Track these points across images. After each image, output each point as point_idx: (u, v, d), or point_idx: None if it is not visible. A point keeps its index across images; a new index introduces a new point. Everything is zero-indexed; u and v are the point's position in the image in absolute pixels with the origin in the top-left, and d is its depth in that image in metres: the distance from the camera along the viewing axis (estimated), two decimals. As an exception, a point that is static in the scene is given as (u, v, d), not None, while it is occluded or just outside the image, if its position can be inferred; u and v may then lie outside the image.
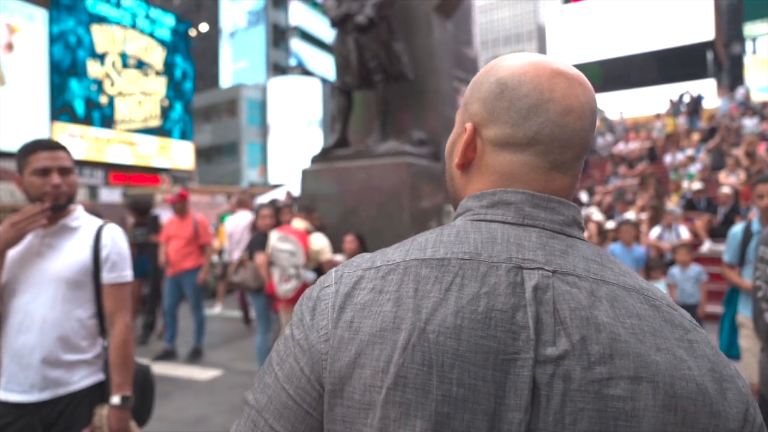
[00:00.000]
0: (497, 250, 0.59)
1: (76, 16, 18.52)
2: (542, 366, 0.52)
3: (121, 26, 20.04)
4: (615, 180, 11.66)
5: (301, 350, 0.60)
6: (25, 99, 16.75)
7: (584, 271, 0.58)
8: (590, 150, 0.69)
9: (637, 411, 0.51)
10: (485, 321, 0.54)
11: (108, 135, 19.47)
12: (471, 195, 0.67)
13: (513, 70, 0.65)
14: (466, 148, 0.67)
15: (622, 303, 0.56)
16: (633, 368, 0.52)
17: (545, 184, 0.63)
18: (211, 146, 35.65)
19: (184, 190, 5.37)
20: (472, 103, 0.68)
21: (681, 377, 0.52)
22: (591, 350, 0.52)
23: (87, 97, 18.88)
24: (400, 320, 0.55)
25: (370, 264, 0.63)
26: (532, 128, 0.62)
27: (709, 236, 7.67)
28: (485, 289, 0.55)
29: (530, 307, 0.54)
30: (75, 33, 18.51)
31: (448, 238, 0.62)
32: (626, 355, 0.52)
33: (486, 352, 0.53)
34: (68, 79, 18.27)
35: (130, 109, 20.28)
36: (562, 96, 0.62)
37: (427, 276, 0.58)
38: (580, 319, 0.54)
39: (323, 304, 0.61)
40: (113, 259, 1.74)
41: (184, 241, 5.09)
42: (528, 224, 0.61)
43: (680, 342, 0.55)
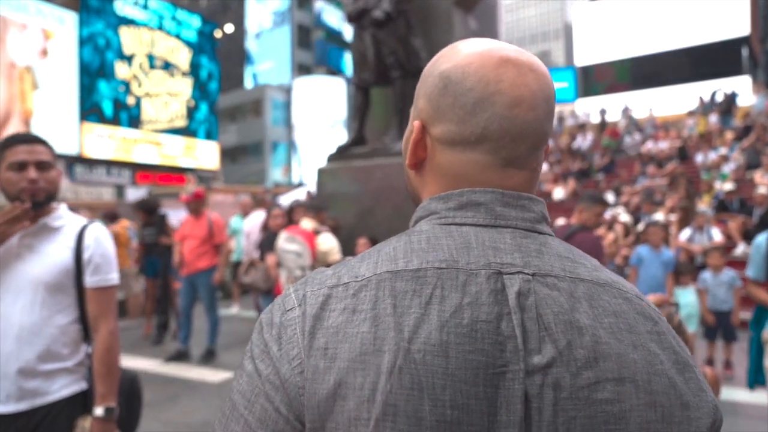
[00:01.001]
0: (474, 256, 0.55)
1: (105, 18, 18.84)
2: (531, 376, 0.50)
3: (148, 28, 20.34)
4: (643, 180, 11.33)
5: (273, 387, 0.53)
6: (56, 100, 17.09)
7: (561, 270, 0.56)
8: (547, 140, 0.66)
9: (624, 412, 0.50)
10: (471, 334, 0.50)
11: (135, 135, 19.76)
12: (435, 196, 0.63)
13: (456, 61, 0.61)
14: (416, 147, 0.64)
15: (598, 301, 0.55)
16: (616, 369, 0.51)
17: (501, 182, 0.60)
18: (237, 146, 35.99)
19: (200, 189, 5.32)
20: (419, 99, 0.65)
21: (655, 373, 0.52)
22: (577, 355, 0.51)
23: (115, 98, 19.20)
24: (381, 341, 0.50)
25: (336, 280, 0.57)
26: (479, 125, 0.59)
27: (743, 239, 7.33)
28: (467, 300, 0.52)
29: (515, 314, 0.52)
30: (104, 35, 18.84)
31: (418, 245, 0.57)
32: (609, 356, 0.51)
33: (476, 367, 0.49)
34: (97, 80, 18.61)
35: (156, 110, 20.57)
36: (510, 86, 0.59)
37: (404, 290, 0.53)
38: (564, 324, 0.52)
39: (290, 331, 0.54)
40: (96, 262, 1.63)
41: (198, 240, 5.03)
42: (501, 225, 0.59)
43: (651, 335, 0.55)
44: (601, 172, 13.26)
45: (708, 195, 9.24)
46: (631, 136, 15.40)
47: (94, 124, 18.43)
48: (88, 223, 1.68)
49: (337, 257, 3.98)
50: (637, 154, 13.92)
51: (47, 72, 16.83)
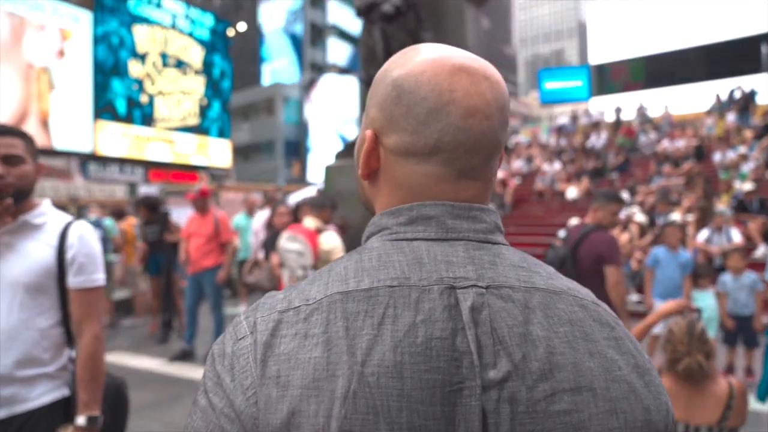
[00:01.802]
0: (426, 272, 0.54)
1: (119, 17, 18.94)
2: (487, 392, 0.49)
3: (161, 27, 20.40)
4: (659, 179, 11.12)
5: (228, 420, 0.51)
6: (70, 98, 17.20)
7: (515, 280, 0.56)
8: (501, 150, 0.65)
9: (583, 422, 0.50)
10: (426, 352, 0.50)
11: (148, 133, 19.84)
12: (385, 211, 0.62)
13: (410, 69, 0.60)
14: (368, 157, 0.62)
15: (554, 310, 0.55)
16: (572, 379, 0.51)
17: (455, 194, 0.60)
18: (249, 144, 36.07)
19: (205, 186, 5.26)
20: (371, 108, 0.64)
21: (613, 379, 0.52)
22: (532, 368, 0.50)
23: (128, 96, 19.28)
24: (334, 366, 0.49)
25: (287, 305, 0.55)
26: (433, 136, 0.58)
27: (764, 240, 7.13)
28: (421, 317, 0.51)
29: (469, 330, 0.51)
30: (118, 34, 18.93)
31: (369, 263, 0.56)
32: (564, 367, 0.51)
33: (432, 386, 0.49)
34: (111, 78, 18.70)
35: (169, 108, 20.63)
36: (464, 96, 0.57)
37: (356, 311, 0.52)
38: (518, 337, 0.52)
39: (242, 360, 0.53)
40: (80, 261, 1.54)
41: (204, 238, 4.98)
42: (452, 238, 0.58)
43: (608, 341, 0.55)
44: (616, 171, 13.05)
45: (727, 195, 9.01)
46: (647, 134, 15.14)
47: (108, 122, 18.51)
48: (72, 221, 1.59)
49: (341, 256, 3.86)
50: (652, 153, 13.67)
51: (63, 71, 16.95)
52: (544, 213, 12.14)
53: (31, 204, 1.55)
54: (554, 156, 15.89)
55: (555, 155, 16.04)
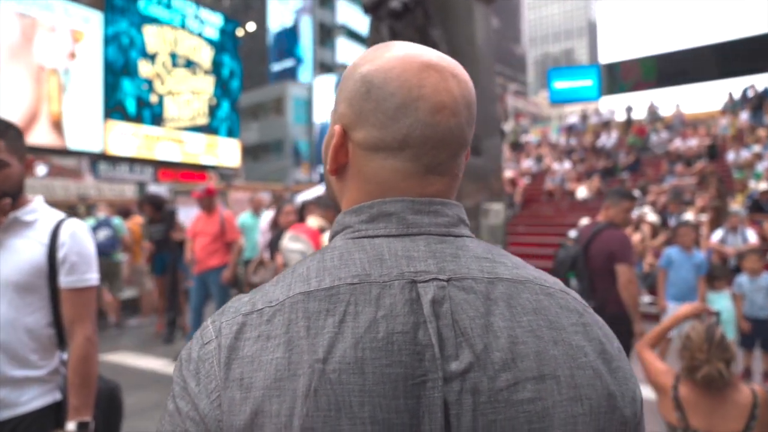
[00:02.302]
0: (387, 267, 0.55)
1: (129, 17, 19.02)
2: (449, 383, 0.50)
3: (171, 27, 20.46)
4: (671, 179, 10.98)
5: (193, 424, 0.52)
6: (81, 98, 17.29)
7: (478, 271, 0.56)
8: (467, 146, 0.66)
9: (547, 410, 0.50)
10: (387, 347, 0.50)
11: (158, 133, 19.90)
12: (348, 209, 0.63)
13: (379, 65, 0.60)
14: (336, 152, 0.63)
15: (517, 299, 0.55)
16: (536, 368, 0.51)
17: (422, 189, 0.61)
18: (258, 144, 36.13)
19: (211, 185, 5.23)
20: (339, 103, 0.64)
21: (578, 366, 0.53)
22: (494, 358, 0.51)
23: (138, 96, 19.35)
24: (295, 365, 0.50)
25: (251, 307, 0.56)
26: (402, 130, 0.59)
27: (780, 241, 6.99)
28: (382, 312, 0.52)
29: (430, 323, 0.52)
30: (128, 34, 19.01)
31: (331, 263, 0.57)
32: (527, 356, 0.52)
33: (394, 380, 0.49)
34: (121, 78, 18.77)
35: (179, 108, 20.69)
36: (432, 92, 0.59)
37: (317, 310, 0.53)
38: (480, 328, 0.52)
39: (207, 365, 0.54)
40: (72, 260, 1.49)
41: (210, 237, 4.94)
42: (413, 233, 0.59)
43: (575, 327, 0.55)
44: (627, 171, 12.91)
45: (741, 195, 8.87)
46: (658, 134, 14.97)
47: (118, 122, 18.59)
48: (64, 218, 1.53)
49: None
50: (664, 152, 13.52)
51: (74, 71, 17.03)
52: (553, 213, 12.03)
53: (23, 201, 1.49)
54: (564, 155, 15.77)
55: (565, 155, 15.92)
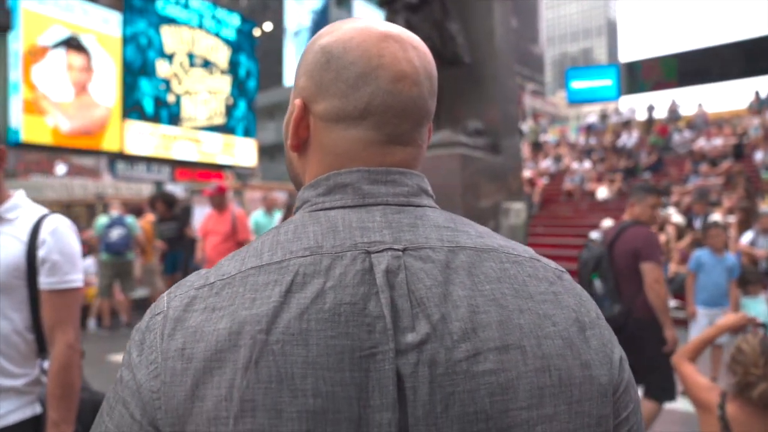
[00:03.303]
0: (340, 239, 0.54)
1: (147, 18, 19.14)
2: (404, 355, 0.48)
3: (189, 27, 20.55)
4: (695, 179, 10.68)
5: (130, 393, 0.52)
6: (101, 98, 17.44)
7: (437, 241, 0.55)
8: (430, 118, 0.64)
9: (511, 381, 0.48)
10: (334, 318, 0.49)
11: (175, 132, 19.99)
12: (307, 184, 0.62)
13: (338, 36, 0.61)
14: (297, 126, 0.63)
15: (480, 268, 0.53)
16: (498, 338, 0.49)
17: (384, 159, 0.60)
18: (275, 144, 36.24)
19: (223, 183, 5.13)
20: (300, 77, 0.64)
21: (546, 335, 0.51)
22: (453, 328, 0.49)
23: (156, 95, 19.46)
24: (236, 336, 0.48)
25: (204, 281, 0.55)
26: (363, 99, 0.58)
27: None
28: (330, 283, 0.50)
29: (383, 293, 0.50)
30: (146, 34, 19.14)
31: (285, 236, 0.56)
32: (488, 325, 0.50)
33: (339, 352, 0.48)
34: (138, 78, 18.89)
35: (196, 107, 20.77)
36: (392, 61, 0.58)
37: (265, 282, 0.51)
38: (437, 297, 0.50)
39: (152, 335, 0.53)
40: (53, 260, 1.37)
41: (221, 236, 4.85)
42: (369, 203, 0.58)
43: (544, 295, 0.54)
44: (648, 171, 12.63)
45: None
46: (681, 133, 14.63)
47: (136, 122, 18.71)
48: (47, 214, 1.41)
49: None
50: (687, 152, 13.19)
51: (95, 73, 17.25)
52: (572, 213, 11.81)
53: (3, 196, 1.38)
54: (583, 155, 15.52)
55: (584, 154, 15.66)
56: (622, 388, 0.55)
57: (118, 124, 17.94)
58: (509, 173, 5.17)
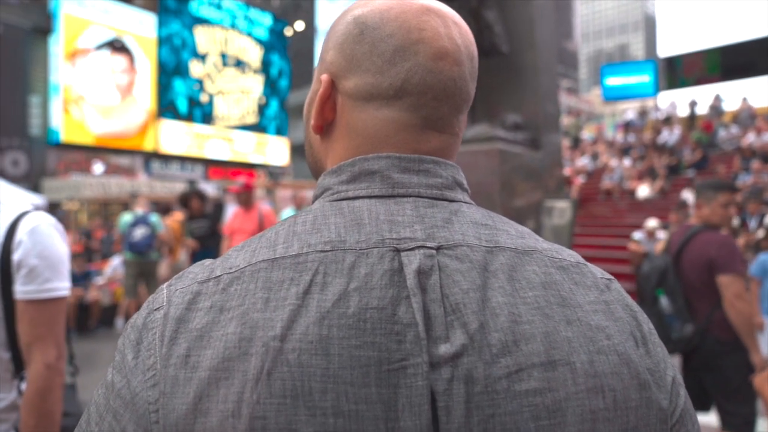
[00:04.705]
0: (366, 233, 0.48)
1: (181, 19, 19.41)
2: (436, 370, 0.42)
3: (221, 27, 20.77)
4: (746, 177, 10.15)
5: (123, 403, 0.45)
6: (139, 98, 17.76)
7: (475, 239, 0.49)
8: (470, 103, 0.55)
9: (558, 403, 0.42)
10: (358, 325, 0.42)
11: (208, 131, 20.21)
12: (329, 170, 0.56)
13: (374, 6, 0.55)
14: (323, 105, 0.56)
15: (521, 272, 0.47)
16: (543, 352, 0.43)
17: (417, 145, 0.54)
18: (306, 143, 36.43)
19: (249, 180, 5.01)
20: (327, 51, 0.58)
21: (599, 350, 0.44)
22: (491, 339, 0.43)
23: (189, 95, 19.71)
24: (247, 343, 0.42)
25: (208, 274, 0.49)
26: (400, 75, 0.53)
27: None
28: (354, 284, 0.44)
29: (414, 297, 0.44)
30: (180, 35, 19.41)
31: (302, 227, 0.50)
32: (532, 337, 0.43)
33: (365, 365, 0.41)
34: (173, 78, 19.16)
35: (228, 107, 20.97)
36: (433, 36, 0.53)
37: (281, 279, 0.45)
38: (475, 303, 0.44)
39: (150, 335, 0.46)
40: (31, 265, 1.18)
41: (248, 235, 4.72)
42: (399, 194, 0.51)
43: (595, 305, 0.47)
44: (692, 169, 12.09)
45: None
46: (727, 129, 14.00)
47: (170, 121, 18.97)
48: (26, 211, 1.22)
49: None
50: (735, 148, 12.59)
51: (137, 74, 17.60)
52: (611, 212, 11.39)
53: None
54: (622, 153, 15.02)
55: (622, 152, 15.16)
56: (677, 416, 0.47)
57: (153, 124, 18.19)
58: (545, 171, 4.91)
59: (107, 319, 6.89)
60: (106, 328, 6.86)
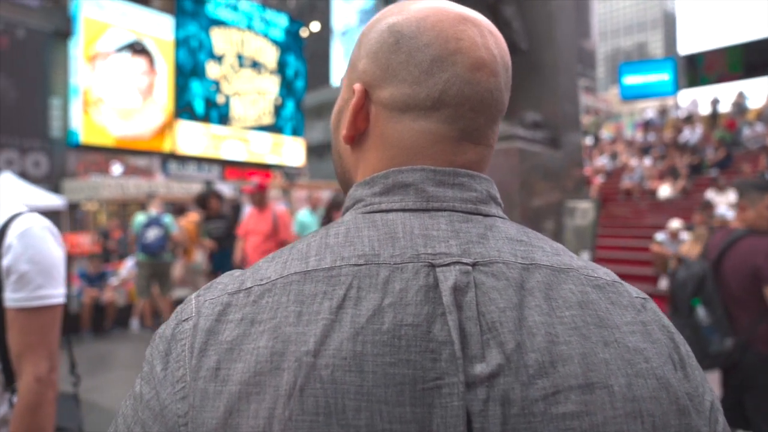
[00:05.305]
0: (400, 247, 0.47)
1: (198, 21, 19.53)
2: (472, 390, 0.41)
3: (238, 29, 20.87)
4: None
5: (151, 414, 0.45)
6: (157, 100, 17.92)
7: (511, 255, 0.48)
8: (503, 113, 0.54)
9: (596, 427, 0.41)
10: (394, 342, 0.42)
11: (224, 132, 20.32)
12: (361, 181, 0.55)
13: (409, 14, 0.54)
14: (356, 115, 0.55)
15: (558, 291, 0.46)
16: (581, 374, 0.42)
17: (454, 157, 0.53)
18: (323, 143, 36.50)
19: (263, 180, 4.96)
20: (360, 59, 0.57)
21: (637, 373, 0.43)
22: (528, 360, 0.42)
23: (206, 96, 19.84)
24: (279, 357, 0.42)
25: (239, 285, 0.48)
26: (437, 86, 0.52)
27: None
28: (389, 300, 0.44)
29: (450, 314, 0.43)
30: (197, 37, 19.55)
31: (335, 239, 0.49)
32: (569, 359, 0.42)
33: (399, 383, 0.41)
34: (190, 80, 19.29)
35: (245, 108, 21.06)
36: (471, 46, 0.52)
37: (313, 293, 0.45)
38: (512, 322, 0.43)
39: (179, 346, 0.46)
40: (21, 270, 1.11)
41: (262, 236, 4.67)
42: (434, 208, 0.51)
43: (632, 326, 0.46)
44: (716, 168, 11.83)
45: None
46: (752, 127, 13.69)
47: (187, 122, 19.10)
48: (17, 213, 1.16)
49: None
50: (761, 146, 12.30)
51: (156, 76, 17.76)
52: (631, 213, 11.19)
53: None
54: (642, 152, 14.78)
55: (642, 151, 14.92)
56: None
57: (170, 125, 18.34)
58: (563, 171, 4.80)
59: (122, 319, 6.91)
60: (121, 329, 6.88)
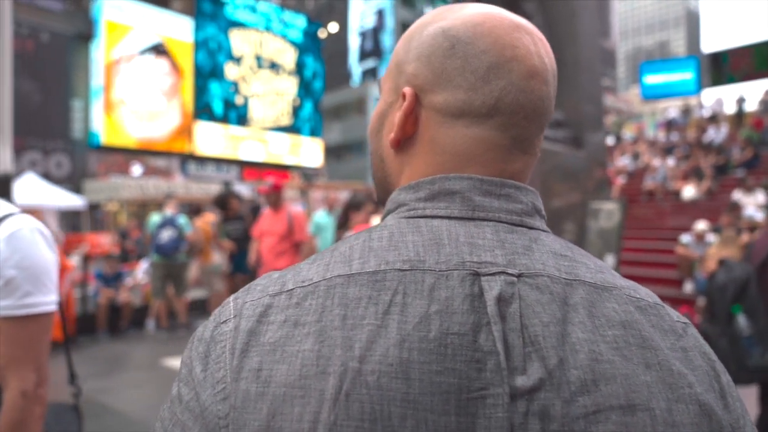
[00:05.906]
0: (445, 254, 0.46)
1: (217, 23, 19.65)
2: (513, 402, 0.41)
3: (256, 30, 20.95)
4: (801, 176, 9.58)
5: (191, 416, 0.44)
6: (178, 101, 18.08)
7: (555, 269, 0.47)
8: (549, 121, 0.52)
9: None
10: (440, 350, 0.42)
11: (243, 133, 20.41)
12: (405, 185, 0.54)
13: (464, 19, 0.53)
14: (406, 120, 0.54)
15: (601, 309, 0.45)
16: (623, 394, 0.41)
17: (504, 165, 0.53)
18: (341, 144, 36.53)
19: (278, 180, 4.90)
20: (409, 63, 0.55)
21: (679, 399, 0.42)
22: (570, 377, 0.41)
23: (225, 97, 19.94)
24: (326, 361, 0.42)
25: (280, 287, 0.47)
26: (493, 94, 0.51)
27: None
28: (435, 307, 0.43)
29: (495, 325, 0.43)
30: (216, 39, 19.66)
31: (379, 243, 0.49)
32: (612, 378, 0.42)
33: (445, 391, 0.40)
34: (209, 81, 19.41)
35: (263, 109, 21.13)
36: (526, 54, 0.52)
37: (358, 297, 0.44)
38: (555, 337, 0.43)
39: (219, 348, 0.46)
40: (8, 276, 1.04)
41: (277, 237, 4.60)
42: (480, 217, 0.50)
43: (674, 351, 0.45)
44: (742, 168, 11.51)
45: None
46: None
47: (206, 123, 19.23)
48: (9, 214, 1.09)
49: None
50: (788, 146, 11.95)
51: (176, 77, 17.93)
52: (654, 214, 10.94)
53: None
54: (665, 152, 14.47)
55: (665, 151, 14.61)
56: None
57: (189, 126, 18.46)
58: (582, 172, 4.66)
59: (138, 320, 6.91)
60: (137, 330, 6.88)
